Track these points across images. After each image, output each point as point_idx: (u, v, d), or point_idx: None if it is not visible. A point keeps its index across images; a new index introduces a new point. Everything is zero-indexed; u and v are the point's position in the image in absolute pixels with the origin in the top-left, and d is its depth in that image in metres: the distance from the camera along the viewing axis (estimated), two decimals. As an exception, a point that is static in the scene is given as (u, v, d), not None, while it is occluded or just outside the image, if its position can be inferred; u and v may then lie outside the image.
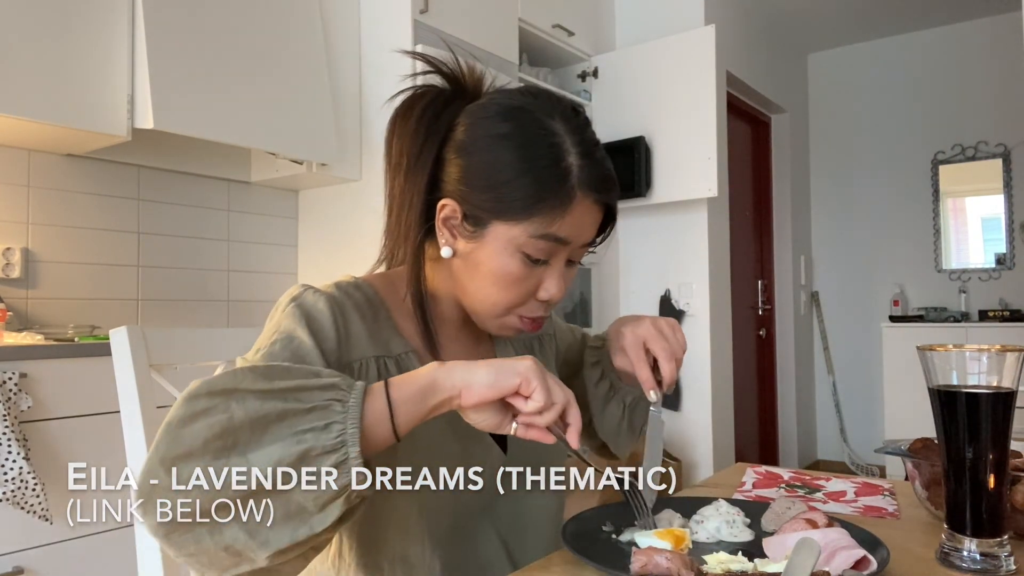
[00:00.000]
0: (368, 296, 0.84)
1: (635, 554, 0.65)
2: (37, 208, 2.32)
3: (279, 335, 0.75)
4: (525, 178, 0.75)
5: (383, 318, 0.84)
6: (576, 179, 0.76)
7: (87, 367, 1.84)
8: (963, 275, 4.65)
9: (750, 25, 4.26)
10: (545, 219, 0.76)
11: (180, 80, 2.21)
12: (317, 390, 0.62)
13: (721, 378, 3.58)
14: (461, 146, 0.79)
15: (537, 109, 0.79)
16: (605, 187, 0.79)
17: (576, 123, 0.79)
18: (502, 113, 0.79)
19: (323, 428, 0.60)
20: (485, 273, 0.79)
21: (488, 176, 0.77)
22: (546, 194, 0.75)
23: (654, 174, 3.38)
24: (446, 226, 0.81)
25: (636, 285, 3.71)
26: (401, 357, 0.82)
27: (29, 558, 1.72)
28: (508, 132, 0.77)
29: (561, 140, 0.77)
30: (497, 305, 0.81)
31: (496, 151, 0.77)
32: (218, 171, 2.79)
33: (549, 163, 0.76)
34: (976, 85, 4.61)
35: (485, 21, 2.97)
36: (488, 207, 0.77)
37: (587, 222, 0.79)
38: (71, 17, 2.08)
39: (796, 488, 1.06)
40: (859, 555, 0.67)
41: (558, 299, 0.81)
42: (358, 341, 0.79)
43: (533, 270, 0.79)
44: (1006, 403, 0.69)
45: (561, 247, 0.78)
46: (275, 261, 3.01)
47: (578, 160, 0.77)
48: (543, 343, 1.03)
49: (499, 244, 0.77)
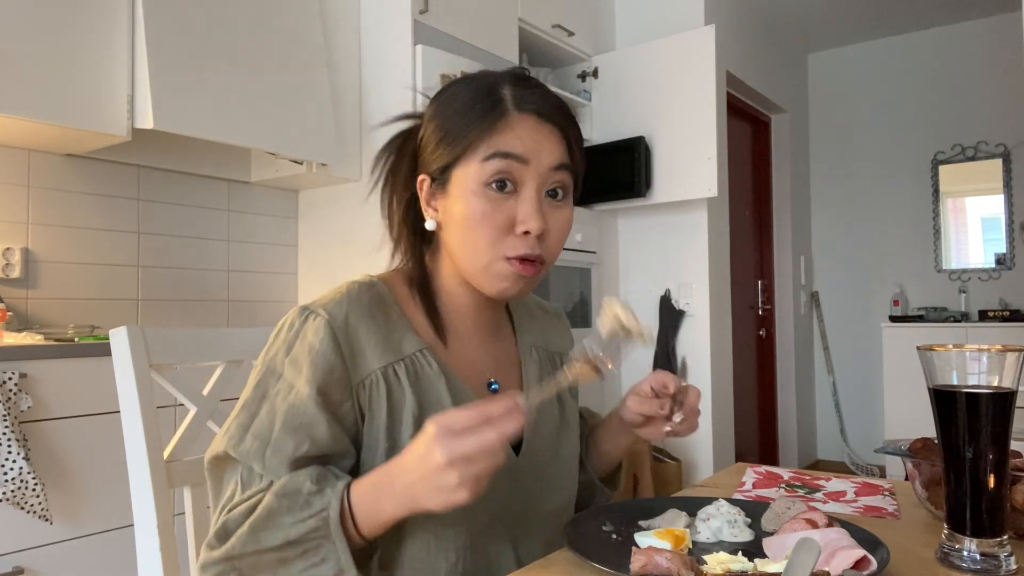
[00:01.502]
0: (381, 295, 0.84)
1: (635, 554, 0.65)
2: (37, 208, 2.32)
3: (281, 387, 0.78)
4: (465, 118, 0.80)
5: (396, 316, 0.84)
6: (509, 100, 0.81)
7: (87, 367, 1.84)
8: (963, 275, 4.65)
9: (750, 25, 4.26)
10: (486, 139, 0.79)
11: (180, 80, 2.21)
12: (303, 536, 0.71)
13: (721, 378, 3.58)
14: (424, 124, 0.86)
15: (482, 74, 0.86)
16: (541, 102, 0.81)
17: (519, 74, 0.85)
18: (450, 84, 0.87)
19: (321, 562, 0.71)
20: (459, 221, 0.81)
21: (438, 132, 0.83)
22: (482, 119, 0.79)
23: (654, 174, 3.38)
24: (428, 204, 0.85)
25: (636, 285, 3.71)
26: (414, 357, 0.82)
27: (29, 558, 1.72)
28: (452, 92, 0.84)
29: (499, 82, 0.83)
30: (477, 250, 0.80)
31: (441, 111, 0.84)
32: (218, 171, 2.79)
33: (484, 96, 0.81)
34: (976, 85, 4.61)
35: (485, 21, 2.97)
36: (444, 156, 0.81)
37: (538, 139, 0.80)
38: (71, 17, 2.08)
39: (796, 488, 1.06)
40: (859, 555, 0.66)
41: (538, 230, 0.79)
42: (366, 355, 0.79)
43: (502, 202, 0.79)
44: (1006, 403, 0.69)
45: (519, 166, 0.79)
46: (275, 261, 3.01)
47: (511, 89, 0.82)
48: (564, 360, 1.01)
49: (463, 187, 0.80)
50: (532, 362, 0.94)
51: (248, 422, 0.78)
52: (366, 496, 0.72)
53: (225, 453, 0.77)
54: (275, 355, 0.80)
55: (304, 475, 0.73)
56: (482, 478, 0.66)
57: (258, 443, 0.76)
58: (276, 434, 0.76)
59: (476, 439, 0.65)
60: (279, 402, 0.77)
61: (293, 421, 0.76)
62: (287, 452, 0.75)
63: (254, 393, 0.79)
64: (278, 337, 0.81)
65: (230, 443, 0.77)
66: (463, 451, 0.64)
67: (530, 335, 0.97)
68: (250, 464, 0.76)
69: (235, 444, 0.77)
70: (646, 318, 3.58)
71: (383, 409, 0.79)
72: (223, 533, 0.74)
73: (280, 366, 0.79)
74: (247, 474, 0.76)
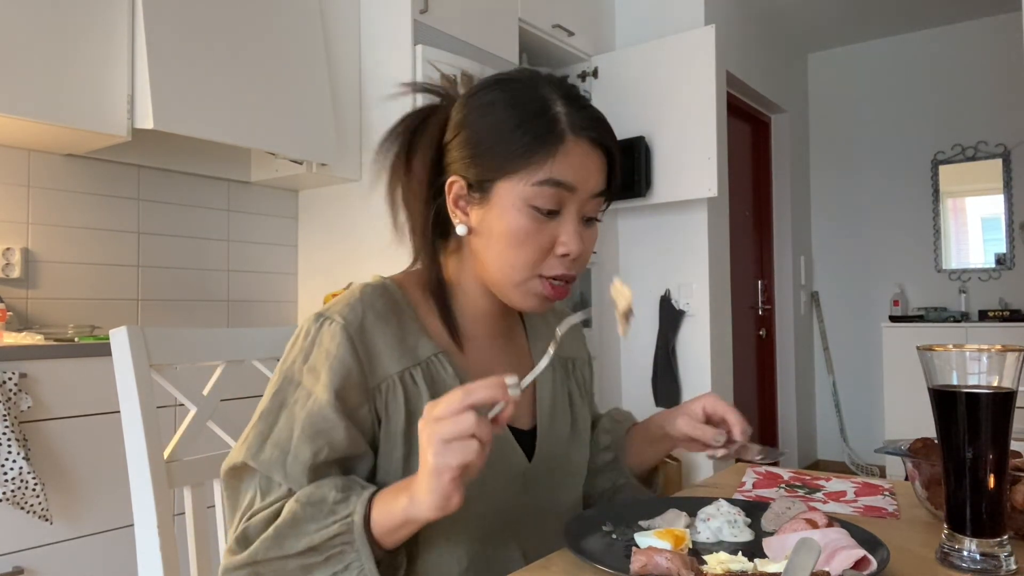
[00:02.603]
0: (395, 299, 0.84)
1: (635, 554, 0.65)
2: (37, 208, 2.32)
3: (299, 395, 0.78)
4: (517, 132, 0.78)
5: (410, 320, 0.83)
6: (566, 123, 0.79)
7: (87, 367, 1.84)
8: (963, 275, 4.65)
9: (750, 25, 4.26)
10: (542, 164, 0.78)
11: (180, 80, 2.21)
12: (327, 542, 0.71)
13: (721, 378, 3.58)
14: (456, 125, 0.83)
15: (524, 78, 0.83)
16: (596, 127, 0.81)
17: (561, 83, 0.83)
18: (491, 85, 0.84)
19: (344, 570, 0.71)
20: (499, 235, 0.80)
21: (484, 139, 0.80)
22: (538, 141, 0.78)
23: (654, 174, 3.38)
24: (457, 206, 0.83)
25: (636, 285, 3.71)
26: (430, 361, 0.82)
27: (29, 558, 1.72)
28: (498, 97, 0.81)
29: (548, 94, 0.81)
30: (515, 267, 0.80)
31: (489, 115, 0.81)
32: (218, 171, 2.79)
33: (538, 114, 0.79)
34: (976, 85, 4.61)
35: (485, 21, 2.97)
36: (489, 168, 0.80)
37: (588, 165, 0.80)
38: (71, 17, 2.08)
39: (796, 488, 1.06)
40: (859, 555, 0.66)
41: (576, 253, 0.80)
42: (382, 359, 0.79)
43: (546, 224, 0.79)
44: (1006, 403, 0.69)
45: (567, 193, 0.79)
46: (275, 261, 3.01)
47: (565, 108, 0.80)
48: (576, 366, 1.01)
49: (506, 202, 0.79)
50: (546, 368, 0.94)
51: (267, 431, 0.77)
52: (386, 499, 0.71)
53: (243, 463, 0.77)
54: (292, 363, 0.80)
55: (330, 484, 0.73)
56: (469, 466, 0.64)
57: (278, 452, 0.76)
58: (296, 442, 0.75)
59: (452, 423, 0.64)
60: (298, 410, 0.77)
61: (312, 428, 0.75)
62: (307, 459, 0.75)
63: (272, 402, 0.79)
64: (295, 346, 0.81)
65: (249, 453, 0.77)
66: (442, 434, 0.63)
67: (543, 340, 0.96)
68: (270, 473, 0.76)
69: (254, 454, 0.76)
70: (647, 316, 3.59)
71: (400, 414, 0.79)
72: (243, 539, 0.74)
73: (298, 374, 0.79)
74: (266, 483, 0.76)
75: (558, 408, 0.93)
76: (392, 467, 0.79)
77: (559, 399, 0.94)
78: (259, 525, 0.74)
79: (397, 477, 0.78)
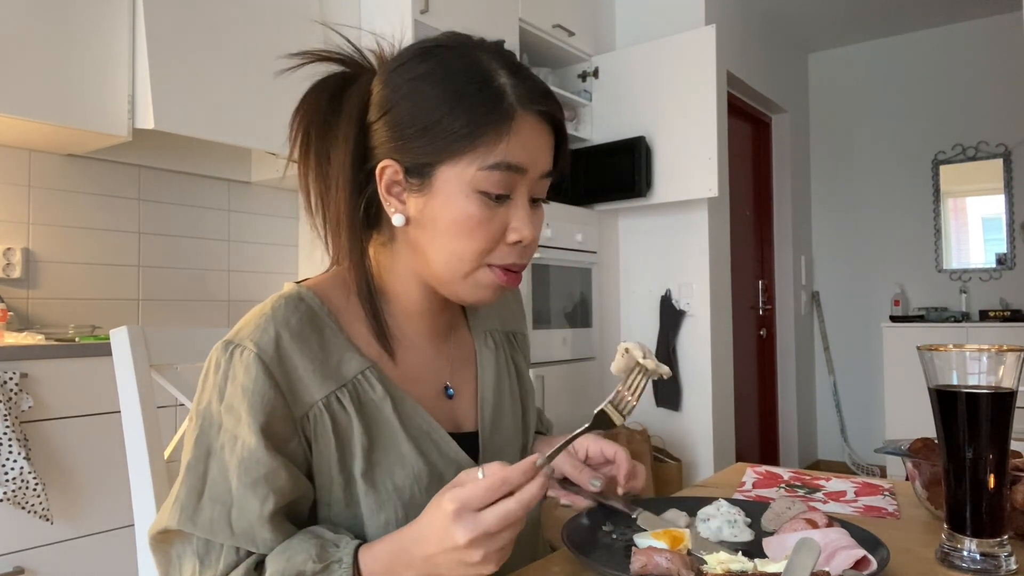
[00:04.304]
0: (312, 309, 0.75)
1: (635, 554, 0.65)
2: (37, 208, 2.32)
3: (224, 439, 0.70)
4: (457, 109, 0.70)
5: (331, 334, 0.75)
6: (513, 96, 0.71)
7: (87, 367, 1.85)
8: (963, 275, 4.65)
9: (750, 25, 4.26)
10: (490, 145, 0.70)
11: (180, 80, 2.21)
12: None
13: (721, 378, 3.58)
14: (381, 103, 0.74)
15: (456, 44, 0.74)
16: (545, 100, 0.73)
17: (500, 51, 0.74)
18: (419, 54, 0.74)
19: None
20: (445, 226, 0.72)
21: (418, 120, 0.71)
22: (484, 119, 0.69)
23: (654, 174, 3.38)
24: (391, 193, 0.75)
25: (636, 285, 3.71)
26: (357, 380, 0.74)
27: (29, 558, 1.72)
28: (429, 70, 0.72)
29: (487, 64, 0.72)
30: (464, 259, 0.73)
31: (421, 92, 0.71)
32: (218, 171, 2.79)
33: (479, 87, 0.70)
34: (976, 85, 4.61)
35: (485, 21, 2.97)
36: (427, 151, 0.71)
37: (539, 143, 0.73)
38: (71, 17, 2.08)
39: (796, 488, 1.06)
40: (859, 555, 0.66)
41: (529, 239, 0.74)
42: (304, 382, 0.71)
43: (495, 210, 0.72)
44: (1006, 403, 0.69)
45: (518, 176, 0.72)
46: (275, 261, 3.01)
47: (510, 79, 0.71)
48: (516, 341, 0.96)
49: (451, 188, 0.71)
50: (487, 349, 0.89)
51: (199, 486, 0.69)
52: (378, 567, 0.65)
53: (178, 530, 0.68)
54: (208, 404, 0.71)
55: (302, 551, 0.66)
56: (507, 548, 0.62)
57: (219, 507, 0.68)
58: (236, 493, 0.68)
59: (497, 514, 0.59)
60: (227, 456, 0.69)
61: (249, 476, 0.67)
62: (255, 512, 0.67)
63: (196, 452, 0.70)
64: (207, 382, 0.72)
65: (184, 515, 0.68)
66: (485, 528, 0.59)
67: (484, 319, 0.91)
68: (212, 536, 0.67)
69: (190, 515, 0.68)
70: (647, 316, 3.59)
71: (331, 443, 0.72)
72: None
73: (217, 415, 0.70)
74: (204, 549, 0.68)
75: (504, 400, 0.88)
76: (333, 500, 0.73)
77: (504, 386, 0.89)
78: None
79: (341, 511, 0.73)
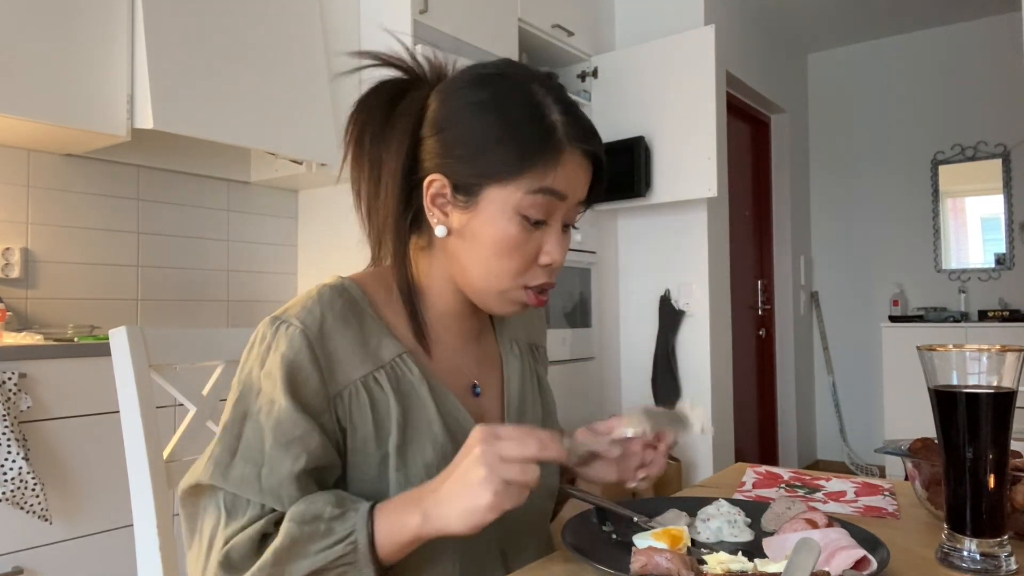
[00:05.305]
0: (355, 298, 0.80)
1: (635, 554, 0.65)
2: (37, 208, 2.32)
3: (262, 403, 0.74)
4: (512, 138, 0.75)
5: (371, 320, 0.80)
6: (563, 133, 0.76)
7: (87, 367, 1.84)
8: (963, 275, 4.65)
9: (750, 25, 4.26)
10: (538, 174, 0.75)
11: (180, 80, 2.21)
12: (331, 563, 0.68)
13: (721, 378, 3.58)
14: (437, 121, 0.79)
15: (513, 75, 0.79)
16: (591, 139, 0.79)
17: (552, 85, 0.79)
18: (477, 81, 0.79)
19: None
20: (485, 242, 0.77)
21: (473, 143, 0.76)
22: (535, 149, 0.75)
23: (654, 174, 3.38)
24: (435, 204, 0.79)
25: (636, 285, 3.71)
26: (394, 363, 0.79)
27: (29, 558, 1.72)
28: (487, 98, 0.77)
29: (541, 99, 0.77)
30: (500, 276, 0.78)
31: (477, 117, 0.77)
32: (218, 171, 2.79)
33: (533, 121, 0.76)
34: (976, 85, 4.61)
35: (485, 21, 2.97)
36: (478, 173, 0.76)
37: (579, 176, 0.78)
38: (71, 17, 2.08)
39: (796, 488, 1.06)
40: (859, 555, 0.66)
41: (560, 263, 0.80)
42: (343, 364, 0.76)
43: (532, 233, 0.77)
44: (1006, 403, 0.69)
45: (558, 203, 0.77)
46: (275, 261, 3.01)
47: (561, 116, 0.77)
48: (538, 354, 1.01)
49: (495, 208, 0.76)
50: (512, 356, 0.93)
51: (234, 445, 0.73)
52: (391, 515, 0.69)
53: (208, 484, 0.72)
54: (250, 371, 0.76)
55: (321, 499, 0.70)
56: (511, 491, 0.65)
57: (251, 466, 0.71)
58: (269, 452, 0.72)
59: (514, 439, 0.66)
60: (263, 419, 0.73)
61: (283, 436, 0.72)
62: (285, 469, 0.71)
63: (234, 414, 0.75)
64: (251, 352, 0.77)
65: (217, 471, 0.72)
66: (500, 449, 0.65)
67: (510, 328, 0.96)
68: (241, 492, 0.71)
69: (223, 471, 0.72)
70: (647, 316, 3.58)
71: (368, 420, 0.76)
72: (228, 564, 0.69)
73: (257, 381, 0.75)
74: (231, 503, 0.71)
75: (527, 403, 0.92)
76: (367, 476, 0.77)
77: (528, 391, 0.93)
78: (244, 548, 0.69)
79: (373, 487, 0.76)
